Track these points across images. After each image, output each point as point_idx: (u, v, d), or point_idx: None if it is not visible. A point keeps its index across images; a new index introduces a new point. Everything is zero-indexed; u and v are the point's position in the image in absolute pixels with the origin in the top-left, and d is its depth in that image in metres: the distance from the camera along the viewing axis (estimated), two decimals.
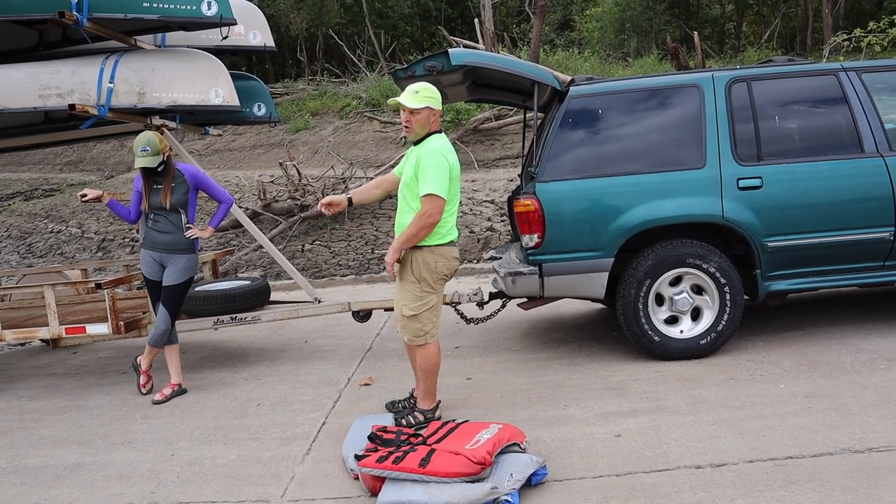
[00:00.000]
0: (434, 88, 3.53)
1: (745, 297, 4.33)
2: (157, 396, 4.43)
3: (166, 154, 4.38)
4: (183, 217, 4.46)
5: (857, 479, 2.68)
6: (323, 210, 3.80)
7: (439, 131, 3.56)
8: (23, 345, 6.59)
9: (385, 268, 4.01)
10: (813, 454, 2.91)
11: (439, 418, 3.64)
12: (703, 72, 4.50)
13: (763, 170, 4.21)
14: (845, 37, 12.48)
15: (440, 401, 3.75)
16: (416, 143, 3.55)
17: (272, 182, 11.96)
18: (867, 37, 11.73)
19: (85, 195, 4.39)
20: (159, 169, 4.36)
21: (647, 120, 4.38)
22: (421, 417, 3.63)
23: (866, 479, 2.68)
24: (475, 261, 9.25)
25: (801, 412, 3.35)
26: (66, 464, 3.56)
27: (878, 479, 2.67)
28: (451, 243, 3.54)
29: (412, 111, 3.46)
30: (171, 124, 5.46)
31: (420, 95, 3.46)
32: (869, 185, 4.21)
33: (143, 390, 4.63)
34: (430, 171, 3.37)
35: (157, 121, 5.32)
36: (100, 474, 3.40)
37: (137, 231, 11.82)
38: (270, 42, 5.86)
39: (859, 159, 4.23)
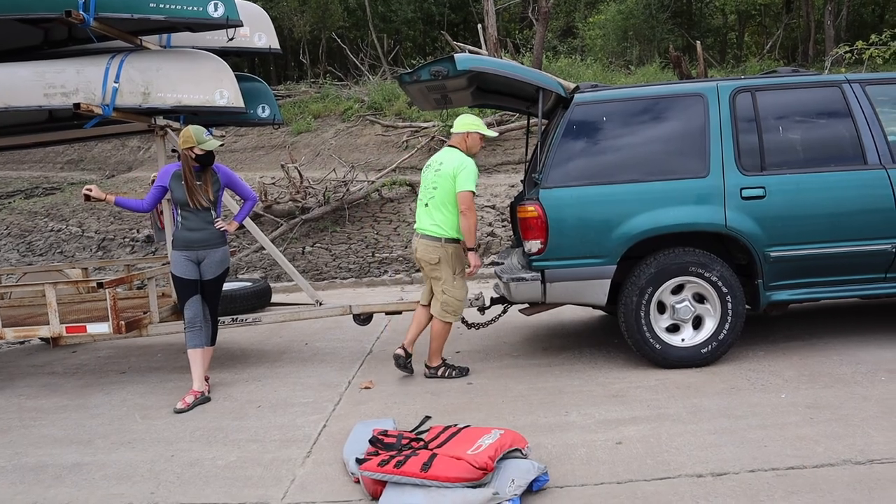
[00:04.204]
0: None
1: (747, 306, 4.34)
2: (180, 405, 4.27)
3: None
4: (213, 213, 4.46)
5: (858, 490, 2.68)
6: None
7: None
8: (22, 343, 6.58)
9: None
10: (814, 465, 2.91)
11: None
12: (707, 81, 4.51)
13: (766, 180, 4.22)
14: (847, 49, 12.52)
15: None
16: None
17: (273, 184, 11.97)
18: (869, 49, 11.78)
19: (90, 190, 4.37)
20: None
21: (651, 128, 4.39)
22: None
23: (868, 490, 2.68)
24: None
25: (803, 423, 3.35)
26: (66, 463, 3.56)
27: (879, 490, 2.67)
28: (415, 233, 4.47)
29: None
30: (175, 125, 5.46)
31: None
32: (872, 197, 4.22)
33: (208, 394, 4.48)
34: None
35: (161, 121, 5.32)
36: (99, 474, 3.39)
37: (138, 231, 11.84)
38: (276, 44, 5.86)
39: (862, 171, 4.24)
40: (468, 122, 4.48)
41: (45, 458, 3.64)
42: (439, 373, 4.52)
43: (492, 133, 4.62)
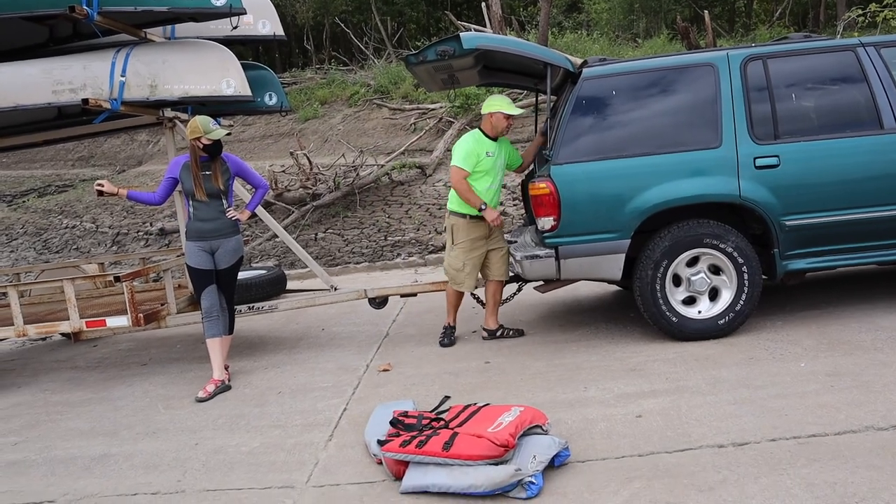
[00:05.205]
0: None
1: (763, 276, 4.31)
2: (201, 394, 4.31)
3: None
4: (224, 203, 4.47)
5: (882, 456, 2.67)
6: None
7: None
8: (44, 339, 6.68)
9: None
10: (836, 432, 2.90)
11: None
12: (717, 50, 4.45)
13: (780, 148, 4.17)
14: (860, 12, 12.27)
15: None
16: (495, 139, 4.63)
17: (283, 172, 11.98)
18: (882, 11, 11.52)
19: (101, 185, 4.40)
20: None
21: (661, 100, 4.34)
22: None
23: (891, 456, 2.67)
24: None
25: (823, 390, 3.34)
26: (93, 454, 3.62)
27: None
28: None
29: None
30: (184, 116, 5.47)
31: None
32: (888, 162, 4.16)
33: (229, 382, 4.52)
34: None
35: (169, 113, 5.33)
36: (126, 464, 3.45)
37: (151, 224, 11.91)
38: (280, 31, 5.84)
39: (879, 136, 4.18)
40: (491, 103, 4.61)
41: (74, 451, 3.70)
42: (441, 336, 4.89)
43: (516, 110, 4.57)
